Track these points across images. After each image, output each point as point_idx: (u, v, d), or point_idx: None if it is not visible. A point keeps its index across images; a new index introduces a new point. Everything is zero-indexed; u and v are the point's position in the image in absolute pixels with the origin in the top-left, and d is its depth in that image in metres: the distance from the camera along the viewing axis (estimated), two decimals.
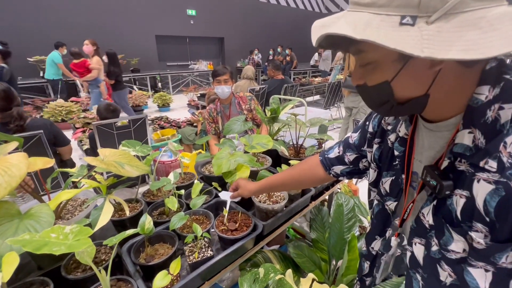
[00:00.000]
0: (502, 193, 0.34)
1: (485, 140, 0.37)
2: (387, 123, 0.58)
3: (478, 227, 0.38)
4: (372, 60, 0.40)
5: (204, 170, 1.33)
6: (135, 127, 2.14)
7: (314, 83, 6.13)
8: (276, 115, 1.43)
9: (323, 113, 3.73)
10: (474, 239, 0.38)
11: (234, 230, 0.92)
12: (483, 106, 0.37)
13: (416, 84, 0.39)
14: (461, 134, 0.39)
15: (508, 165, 0.34)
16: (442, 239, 0.43)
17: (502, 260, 0.37)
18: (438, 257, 0.45)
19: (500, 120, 0.35)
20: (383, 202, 0.60)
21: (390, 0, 0.33)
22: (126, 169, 0.81)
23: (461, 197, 0.40)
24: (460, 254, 0.41)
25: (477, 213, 0.38)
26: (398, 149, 0.54)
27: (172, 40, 9.36)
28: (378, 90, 0.41)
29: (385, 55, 0.38)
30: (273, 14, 12.17)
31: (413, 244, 0.50)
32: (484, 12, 0.31)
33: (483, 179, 0.37)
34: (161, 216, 1.04)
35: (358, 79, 0.44)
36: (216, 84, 2.09)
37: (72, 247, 0.52)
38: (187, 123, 3.82)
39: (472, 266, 0.40)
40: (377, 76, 0.40)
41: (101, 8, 7.21)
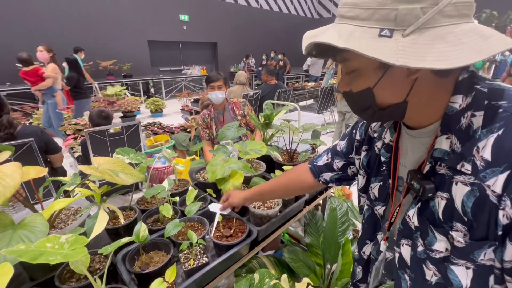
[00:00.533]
0: (477, 194, 0.37)
1: (460, 145, 0.40)
2: (373, 130, 0.61)
3: (458, 226, 0.41)
4: (355, 68, 0.43)
5: (199, 176, 1.33)
6: (128, 133, 2.13)
7: (307, 88, 6.21)
8: (269, 121, 1.45)
9: (316, 117, 3.78)
10: (454, 238, 0.41)
11: (229, 236, 0.93)
12: (458, 114, 0.40)
13: (395, 91, 0.42)
14: (440, 140, 0.42)
15: (481, 168, 0.37)
16: (427, 239, 0.46)
17: (480, 257, 0.40)
18: (424, 257, 0.47)
19: (473, 126, 0.38)
20: (372, 207, 0.62)
21: (370, 14, 0.36)
22: (121, 177, 0.81)
23: (442, 199, 0.43)
24: (443, 253, 0.44)
25: (457, 213, 0.40)
26: (384, 155, 0.56)
27: (165, 45, 9.36)
28: (362, 96, 0.44)
29: (367, 63, 0.41)
30: (266, 20, 12.33)
31: (401, 245, 0.53)
32: (452, 27, 0.34)
33: (460, 182, 0.40)
34: (155, 223, 1.04)
35: (345, 86, 0.47)
36: (210, 90, 2.11)
37: (68, 256, 0.52)
38: (181, 128, 3.81)
39: (455, 264, 0.43)
40: (361, 83, 0.43)
41: (92, 13, 7.18)
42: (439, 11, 0.33)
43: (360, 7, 0.37)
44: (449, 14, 0.34)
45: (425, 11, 0.34)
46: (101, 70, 7.25)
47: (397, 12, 0.34)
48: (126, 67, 7.60)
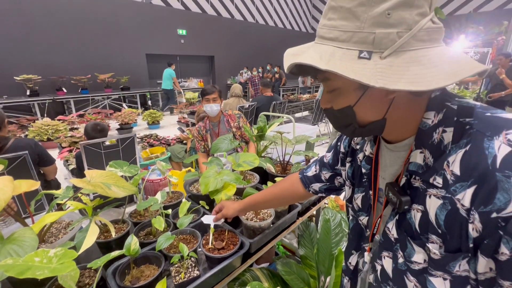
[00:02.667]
0: (449, 207, 0.39)
1: (433, 159, 0.41)
2: (356, 143, 0.63)
3: (433, 238, 0.42)
4: (336, 87, 0.44)
5: (192, 188, 1.34)
6: (124, 146, 2.13)
7: (302, 100, 6.30)
8: (263, 133, 1.47)
9: (311, 128, 3.82)
10: (431, 250, 0.42)
11: (221, 248, 0.92)
12: (430, 129, 0.42)
13: (375, 109, 0.44)
14: (414, 154, 0.44)
15: (451, 182, 0.38)
16: (406, 251, 0.47)
17: (456, 268, 0.41)
18: (404, 269, 0.48)
19: (444, 142, 0.40)
20: (356, 217, 0.63)
21: (349, 37, 0.38)
22: (113, 190, 0.82)
23: (417, 211, 0.44)
24: (422, 265, 0.45)
25: (431, 225, 0.42)
26: (365, 167, 0.58)
27: (163, 58, 9.51)
28: (343, 114, 0.46)
29: (347, 83, 0.42)
30: (262, 34, 12.64)
31: (383, 257, 0.53)
32: (425, 51, 0.37)
33: (433, 195, 0.41)
34: (148, 236, 1.04)
35: (326, 103, 0.49)
36: (205, 103, 2.15)
37: (56, 271, 0.52)
38: (177, 140, 3.82)
39: (433, 276, 0.43)
40: (342, 101, 0.45)
41: (91, 27, 7.31)
42: (413, 35, 0.36)
43: (339, 30, 0.39)
44: (422, 38, 0.36)
45: (400, 35, 0.36)
46: (99, 82, 7.31)
47: (375, 36, 0.36)
48: (124, 80, 7.67)
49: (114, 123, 5.86)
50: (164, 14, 8.96)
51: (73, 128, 4.63)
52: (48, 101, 6.00)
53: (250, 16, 12.06)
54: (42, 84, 6.33)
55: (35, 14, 6.34)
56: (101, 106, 7.16)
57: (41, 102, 6.00)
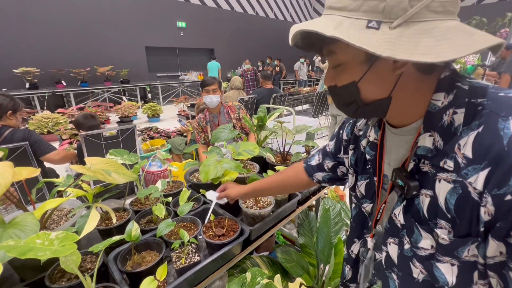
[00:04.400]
0: (460, 191, 0.37)
1: (443, 142, 0.40)
2: (359, 129, 0.62)
3: (442, 224, 0.41)
4: (342, 62, 0.43)
5: (192, 178, 1.34)
6: (124, 137, 2.13)
7: (302, 93, 6.27)
8: (263, 123, 1.47)
9: (311, 121, 3.82)
10: (439, 236, 0.41)
11: (221, 235, 0.93)
12: (440, 111, 0.40)
13: (380, 86, 0.42)
14: (423, 138, 0.43)
15: (462, 165, 0.37)
16: (413, 237, 0.46)
17: (464, 254, 0.40)
18: (410, 255, 0.47)
19: (455, 124, 0.39)
20: (359, 205, 0.63)
21: (358, 6, 0.37)
22: (113, 176, 0.82)
23: (426, 197, 0.42)
24: (429, 251, 0.44)
25: (440, 210, 0.40)
26: (369, 153, 0.57)
27: (162, 51, 9.44)
28: (347, 90, 0.45)
29: (353, 56, 0.41)
30: (262, 26, 12.51)
31: (388, 244, 0.52)
32: (437, 23, 0.35)
33: (443, 179, 0.40)
34: (148, 224, 1.05)
35: (330, 81, 0.47)
36: (205, 94, 2.14)
37: (57, 252, 0.53)
38: (177, 133, 3.82)
39: (440, 262, 0.43)
40: (346, 77, 0.44)
41: (90, 20, 7.24)
42: (426, 5, 0.34)
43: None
44: (435, 9, 0.35)
45: (412, 4, 0.34)
46: (98, 75, 7.27)
47: (385, 4, 0.35)
48: (123, 73, 7.63)
49: (114, 116, 5.86)
50: (163, 6, 8.85)
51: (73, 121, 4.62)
52: (47, 94, 5.98)
53: (250, 8, 11.91)
54: (41, 77, 6.30)
55: (34, 7, 6.26)
56: (101, 99, 7.13)
57: (40, 95, 5.98)
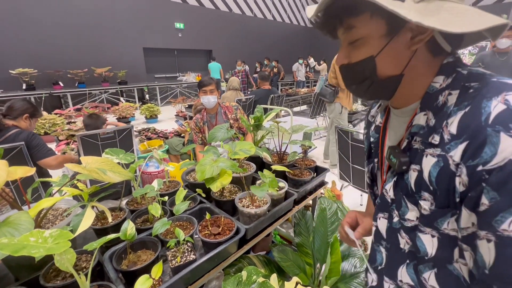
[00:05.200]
0: (441, 164, 0.40)
1: (435, 120, 0.43)
2: (372, 115, 0.65)
3: (425, 196, 0.44)
4: (361, 36, 0.44)
5: (189, 177, 1.34)
6: (121, 137, 2.13)
7: (300, 94, 6.29)
8: (259, 122, 1.47)
9: (309, 122, 3.84)
10: (422, 207, 0.44)
11: (217, 234, 0.93)
12: (437, 92, 0.44)
13: (395, 62, 0.44)
14: (418, 116, 0.46)
15: (447, 141, 0.40)
16: (401, 209, 0.49)
17: (443, 226, 0.43)
18: (398, 227, 0.50)
19: (447, 104, 0.42)
20: (371, 190, 0.66)
21: None
22: (109, 175, 0.82)
23: (414, 171, 0.45)
24: (414, 222, 0.47)
25: (424, 183, 0.43)
26: (373, 136, 0.60)
27: (160, 52, 9.43)
28: (363, 65, 0.46)
29: (374, 30, 0.43)
30: (260, 28, 12.54)
31: (378, 219, 0.56)
32: (454, 4, 0.39)
33: (429, 154, 0.43)
34: (144, 223, 1.05)
35: (343, 59, 0.49)
36: (202, 94, 2.14)
37: (51, 250, 0.53)
38: (175, 134, 3.82)
39: (422, 232, 0.46)
40: (364, 52, 0.45)
41: (88, 21, 7.23)
42: None
43: None
44: None
45: None
46: (96, 76, 7.25)
47: None
48: (121, 74, 7.62)
49: (112, 117, 5.84)
50: (161, 7, 8.86)
51: (71, 122, 4.61)
52: (44, 95, 5.95)
53: (248, 9, 11.94)
54: (38, 78, 6.27)
55: (31, 7, 6.25)
56: (98, 100, 7.12)
57: (37, 96, 5.95)
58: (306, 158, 1.50)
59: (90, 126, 2.28)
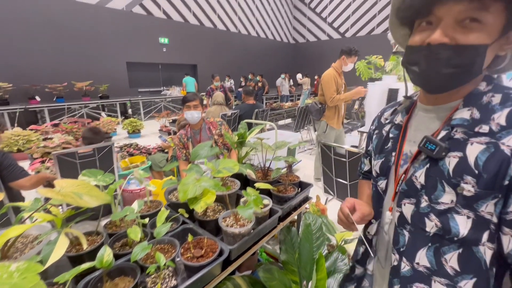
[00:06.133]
0: (492, 149, 0.46)
1: (480, 115, 0.50)
2: (385, 118, 0.73)
3: (468, 179, 0.48)
4: (487, 22, 0.44)
5: (172, 197, 1.31)
6: (101, 155, 2.06)
7: (284, 108, 6.41)
8: (243, 139, 1.48)
9: (293, 135, 3.89)
10: (464, 189, 0.49)
11: (200, 256, 0.91)
12: (481, 94, 0.51)
13: (488, 58, 0.48)
14: (460, 111, 0.52)
15: (496, 131, 0.47)
16: (434, 194, 0.53)
17: (481, 208, 0.48)
18: (427, 211, 0.54)
19: (492, 103, 0.49)
20: (375, 183, 0.71)
21: None
22: (85, 199, 0.78)
23: (454, 158, 0.50)
24: (448, 205, 0.51)
25: (468, 168, 0.48)
26: (393, 133, 0.66)
27: (144, 67, 9.39)
28: (473, 50, 0.46)
29: (497, 22, 0.44)
30: (245, 43, 12.84)
31: (402, 205, 0.60)
32: None
33: (476, 142, 0.48)
34: (123, 247, 1.00)
35: (443, 37, 0.46)
36: (186, 110, 2.14)
37: (16, 286, 0.49)
38: (158, 149, 3.74)
39: (458, 213, 0.50)
40: (479, 37, 0.45)
41: (67, 34, 7.11)
42: None
43: None
44: None
45: None
46: (76, 91, 7.05)
47: None
48: (102, 88, 7.46)
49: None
50: (145, 22, 8.90)
51: (47, 138, 4.40)
52: (19, 110, 5.69)
53: (232, 26, 12.25)
54: (14, 92, 6.01)
55: (7, 19, 6.07)
56: (78, 115, 6.88)
57: (11, 111, 5.67)
58: (290, 174, 1.51)
59: (87, 140, 2.22)
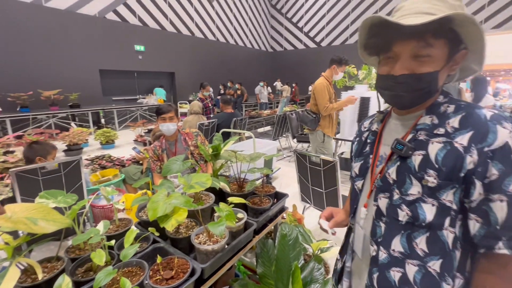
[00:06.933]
0: (448, 147, 0.56)
1: (438, 120, 0.61)
2: (364, 127, 0.83)
3: (430, 173, 0.58)
4: (433, 54, 0.57)
5: (142, 214, 1.26)
6: (67, 170, 1.93)
7: (263, 116, 6.47)
8: (218, 152, 1.47)
9: (271, 143, 3.93)
10: (428, 181, 0.58)
11: (170, 278, 0.87)
12: (439, 104, 0.63)
13: (441, 79, 0.60)
14: (423, 119, 0.63)
15: (451, 132, 0.57)
16: (404, 187, 0.62)
17: (443, 196, 0.57)
18: (399, 203, 0.63)
19: (448, 111, 0.61)
20: (353, 183, 0.79)
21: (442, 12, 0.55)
22: (40, 225, 0.73)
23: (418, 155, 0.60)
24: (416, 196, 0.60)
25: (430, 163, 0.58)
26: (370, 139, 0.77)
27: (119, 74, 9.08)
28: (427, 77, 0.59)
29: (443, 53, 0.58)
30: (223, 51, 12.90)
31: (379, 199, 0.67)
32: None
33: (435, 141, 0.59)
34: (87, 273, 0.93)
35: (403, 69, 0.60)
36: (161, 122, 2.08)
37: None
38: (132, 161, 3.60)
39: (424, 202, 0.59)
40: (430, 67, 0.58)
41: (34, 40, 6.72)
42: None
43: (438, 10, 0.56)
44: None
45: None
46: (43, 100, 6.63)
47: None
48: (73, 96, 7.09)
49: (61, 144, 5.32)
50: (120, 29, 8.66)
51: (8, 151, 4.08)
52: None
53: (210, 34, 12.27)
54: None
55: None
56: (45, 126, 6.46)
57: None
58: (266, 185, 1.51)
59: (30, 159, 2.01)
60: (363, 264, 0.74)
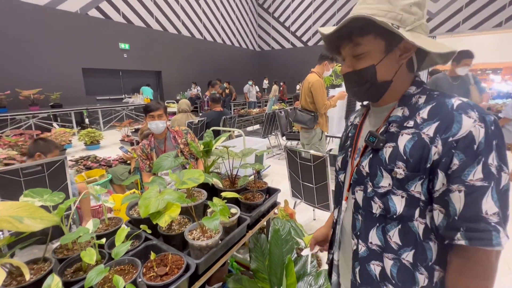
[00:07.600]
0: (416, 138, 0.56)
1: (409, 112, 0.60)
2: (350, 121, 0.82)
3: (400, 164, 0.57)
4: (365, 51, 0.60)
5: (133, 212, 1.23)
6: (51, 171, 1.86)
7: (252, 114, 6.47)
8: (209, 148, 1.46)
9: (261, 141, 3.94)
10: (397, 173, 0.58)
11: (164, 275, 0.86)
12: (411, 95, 0.62)
13: (388, 71, 0.61)
14: (396, 110, 0.63)
15: (419, 123, 0.57)
16: (375, 180, 0.62)
17: (411, 188, 0.56)
18: (372, 195, 0.63)
19: (418, 102, 0.60)
20: (337, 176, 0.79)
21: (385, 14, 0.56)
22: (26, 223, 0.70)
23: (389, 148, 0.60)
24: (386, 188, 0.60)
25: (399, 155, 0.58)
26: (351, 132, 0.77)
27: (103, 73, 8.82)
28: (365, 72, 0.61)
29: (376, 46, 0.59)
30: (210, 50, 12.79)
31: (356, 192, 0.68)
32: (424, 37, 0.58)
33: (405, 133, 0.58)
34: (77, 273, 0.91)
35: (347, 68, 0.64)
36: (150, 120, 2.04)
37: None
38: (119, 161, 3.51)
39: (394, 194, 0.59)
40: (367, 62, 0.61)
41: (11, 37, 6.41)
42: (421, 24, 0.58)
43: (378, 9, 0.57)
44: (423, 29, 0.59)
45: (415, 20, 0.57)
46: (21, 99, 6.34)
47: (402, 16, 0.56)
48: (54, 96, 6.82)
49: None
50: (103, 27, 8.40)
51: None
52: None
53: (197, 32, 12.13)
54: None
55: None
56: (24, 127, 6.18)
57: None
58: (258, 181, 1.52)
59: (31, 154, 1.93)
60: (348, 258, 0.75)
